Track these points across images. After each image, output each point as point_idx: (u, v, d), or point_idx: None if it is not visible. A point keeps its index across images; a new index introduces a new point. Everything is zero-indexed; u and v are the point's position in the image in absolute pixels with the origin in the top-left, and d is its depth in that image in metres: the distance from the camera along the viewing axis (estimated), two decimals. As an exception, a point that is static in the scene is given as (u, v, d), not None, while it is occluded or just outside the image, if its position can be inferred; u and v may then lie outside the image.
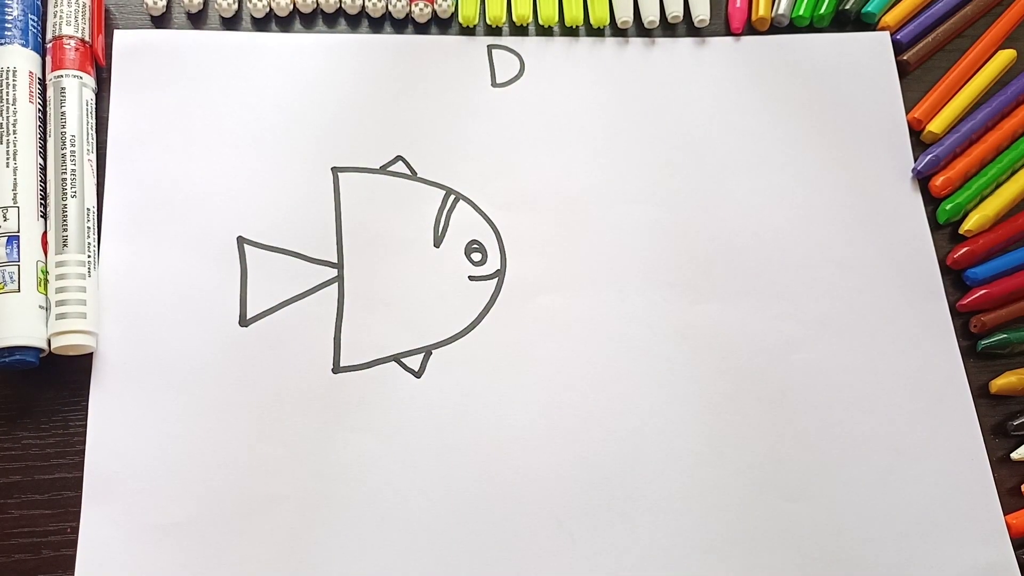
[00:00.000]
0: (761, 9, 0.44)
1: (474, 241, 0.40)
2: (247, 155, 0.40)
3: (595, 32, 0.44)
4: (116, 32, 0.41)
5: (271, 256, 0.38)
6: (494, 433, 0.37)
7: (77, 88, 0.38)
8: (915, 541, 0.36)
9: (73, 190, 0.37)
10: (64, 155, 0.37)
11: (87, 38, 0.39)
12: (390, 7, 0.42)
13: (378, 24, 0.43)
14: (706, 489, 0.37)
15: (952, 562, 0.36)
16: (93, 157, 0.38)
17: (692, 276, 0.40)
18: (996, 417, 0.39)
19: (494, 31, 0.43)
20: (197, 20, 0.42)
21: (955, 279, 0.41)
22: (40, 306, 0.35)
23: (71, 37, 0.38)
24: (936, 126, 0.43)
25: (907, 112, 0.44)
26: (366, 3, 0.42)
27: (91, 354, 0.36)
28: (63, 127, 0.37)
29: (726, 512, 0.36)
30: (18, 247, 0.35)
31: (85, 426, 0.35)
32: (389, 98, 0.41)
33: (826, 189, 0.42)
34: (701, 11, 0.44)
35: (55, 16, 0.39)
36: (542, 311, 0.39)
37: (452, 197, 0.40)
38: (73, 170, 0.37)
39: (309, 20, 0.43)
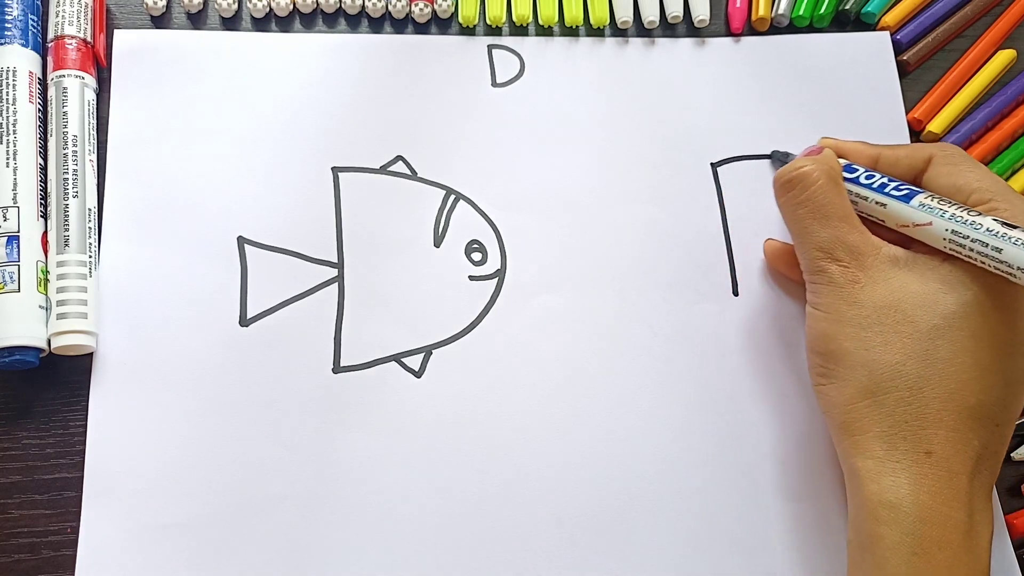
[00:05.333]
0: (761, 9, 0.44)
1: (474, 241, 0.40)
2: (247, 155, 0.40)
3: (595, 32, 0.44)
4: (116, 32, 0.41)
5: (271, 256, 0.38)
6: (494, 433, 0.37)
7: (79, 88, 0.38)
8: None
9: (75, 190, 0.37)
10: (66, 155, 0.37)
11: (89, 38, 0.39)
12: (390, 7, 0.42)
13: (378, 24, 0.43)
14: (706, 489, 0.37)
15: (952, 562, 0.36)
16: (94, 157, 0.38)
17: (692, 276, 0.40)
18: (996, 417, 0.39)
19: (494, 31, 0.43)
20: (197, 20, 0.42)
21: (955, 279, 0.41)
22: (40, 306, 0.35)
23: (73, 37, 0.38)
24: (936, 126, 0.43)
25: (907, 112, 0.44)
26: (366, 3, 0.42)
27: (91, 354, 0.36)
28: (65, 127, 0.37)
29: (726, 512, 0.36)
30: (18, 247, 0.35)
31: (85, 426, 0.35)
32: (389, 98, 0.41)
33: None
34: (701, 11, 0.44)
35: (57, 16, 0.39)
36: (542, 311, 0.39)
37: (452, 197, 0.40)
38: (75, 170, 0.37)
39: (309, 20, 0.43)
